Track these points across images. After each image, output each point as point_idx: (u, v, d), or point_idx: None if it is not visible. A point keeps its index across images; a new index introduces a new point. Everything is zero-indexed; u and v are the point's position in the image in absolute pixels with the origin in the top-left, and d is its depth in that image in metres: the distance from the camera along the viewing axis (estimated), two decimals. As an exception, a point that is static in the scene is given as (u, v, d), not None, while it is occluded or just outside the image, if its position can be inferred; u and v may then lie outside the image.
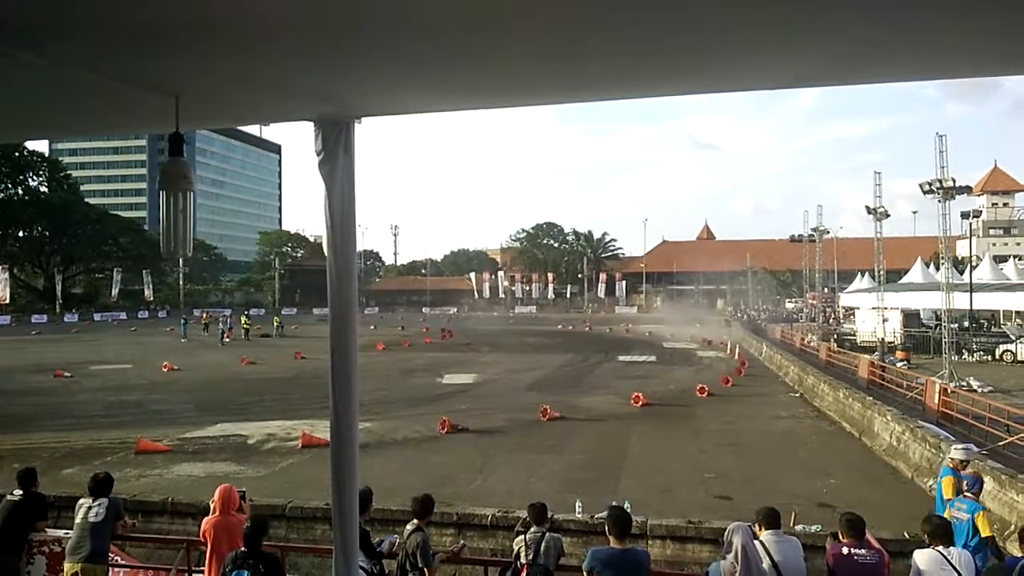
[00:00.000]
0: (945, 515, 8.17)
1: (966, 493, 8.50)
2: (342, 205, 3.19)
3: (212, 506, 7.24)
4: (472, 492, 14.04)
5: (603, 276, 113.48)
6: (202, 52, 2.29)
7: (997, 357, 35.64)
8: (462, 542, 9.25)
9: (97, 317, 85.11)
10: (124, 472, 15.68)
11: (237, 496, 7.28)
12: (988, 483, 11.52)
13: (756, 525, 6.07)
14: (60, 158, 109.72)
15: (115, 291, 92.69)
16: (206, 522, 7.11)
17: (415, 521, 7.05)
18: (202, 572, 8.27)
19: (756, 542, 5.83)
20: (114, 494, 7.68)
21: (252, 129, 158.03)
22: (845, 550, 5.88)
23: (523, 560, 6.61)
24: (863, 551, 5.86)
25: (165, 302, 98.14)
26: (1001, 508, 11.58)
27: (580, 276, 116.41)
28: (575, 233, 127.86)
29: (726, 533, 5.65)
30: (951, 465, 9.17)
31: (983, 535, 7.75)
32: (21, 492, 7.70)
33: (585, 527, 11.00)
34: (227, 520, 6.96)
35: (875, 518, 9.30)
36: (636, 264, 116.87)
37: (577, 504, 11.69)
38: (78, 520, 7.28)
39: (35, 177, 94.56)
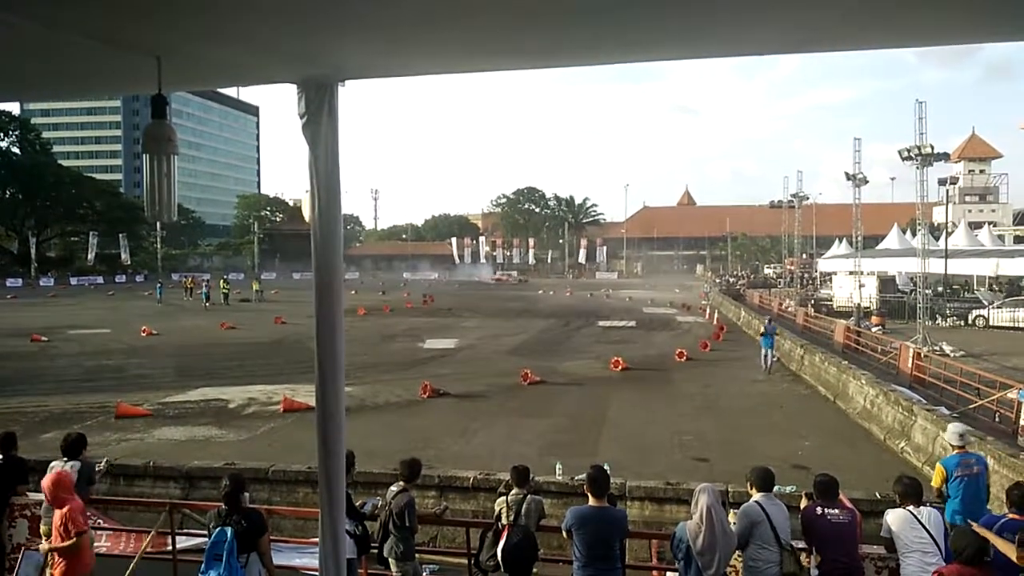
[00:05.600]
0: (956, 474, 7.90)
1: (960, 447, 8.19)
2: (326, 169, 3.15)
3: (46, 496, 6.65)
4: (454, 455, 14.17)
5: (584, 241, 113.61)
6: (185, 12, 2.25)
7: (969, 322, 36.22)
8: (444, 504, 9.36)
9: (74, 281, 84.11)
10: (104, 436, 15.67)
11: (67, 479, 6.68)
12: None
13: (748, 485, 6.20)
14: (31, 119, 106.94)
15: (91, 255, 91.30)
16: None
17: (400, 483, 7.13)
18: (184, 534, 8.37)
19: (752, 502, 6.01)
20: (95, 458, 7.63)
21: (230, 91, 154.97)
22: (819, 510, 6.03)
23: (504, 521, 6.71)
24: (836, 511, 6.01)
25: (142, 266, 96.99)
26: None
27: (561, 241, 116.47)
28: (556, 198, 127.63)
29: (694, 493, 5.76)
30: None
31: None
32: (0, 456, 7.67)
33: (565, 489, 11.18)
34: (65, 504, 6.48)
35: (848, 479, 9.54)
36: (617, 229, 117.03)
37: (557, 466, 11.86)
38: None
39: (5, 138, 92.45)
